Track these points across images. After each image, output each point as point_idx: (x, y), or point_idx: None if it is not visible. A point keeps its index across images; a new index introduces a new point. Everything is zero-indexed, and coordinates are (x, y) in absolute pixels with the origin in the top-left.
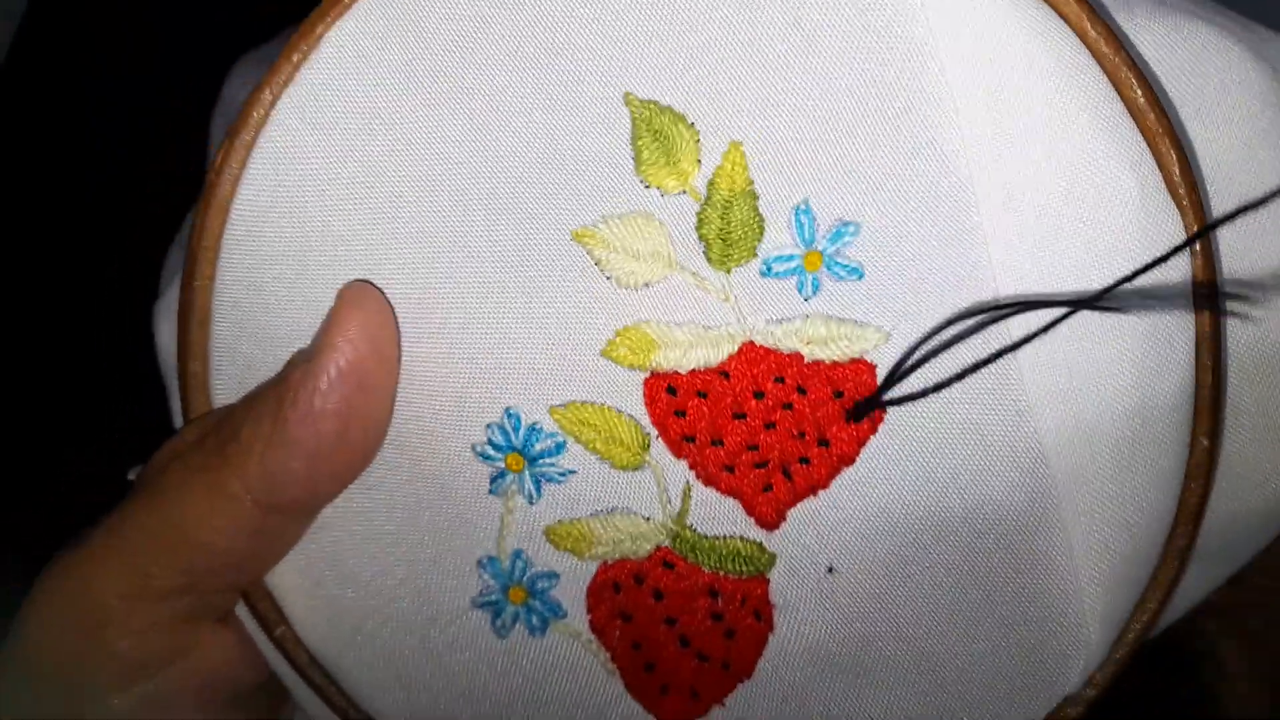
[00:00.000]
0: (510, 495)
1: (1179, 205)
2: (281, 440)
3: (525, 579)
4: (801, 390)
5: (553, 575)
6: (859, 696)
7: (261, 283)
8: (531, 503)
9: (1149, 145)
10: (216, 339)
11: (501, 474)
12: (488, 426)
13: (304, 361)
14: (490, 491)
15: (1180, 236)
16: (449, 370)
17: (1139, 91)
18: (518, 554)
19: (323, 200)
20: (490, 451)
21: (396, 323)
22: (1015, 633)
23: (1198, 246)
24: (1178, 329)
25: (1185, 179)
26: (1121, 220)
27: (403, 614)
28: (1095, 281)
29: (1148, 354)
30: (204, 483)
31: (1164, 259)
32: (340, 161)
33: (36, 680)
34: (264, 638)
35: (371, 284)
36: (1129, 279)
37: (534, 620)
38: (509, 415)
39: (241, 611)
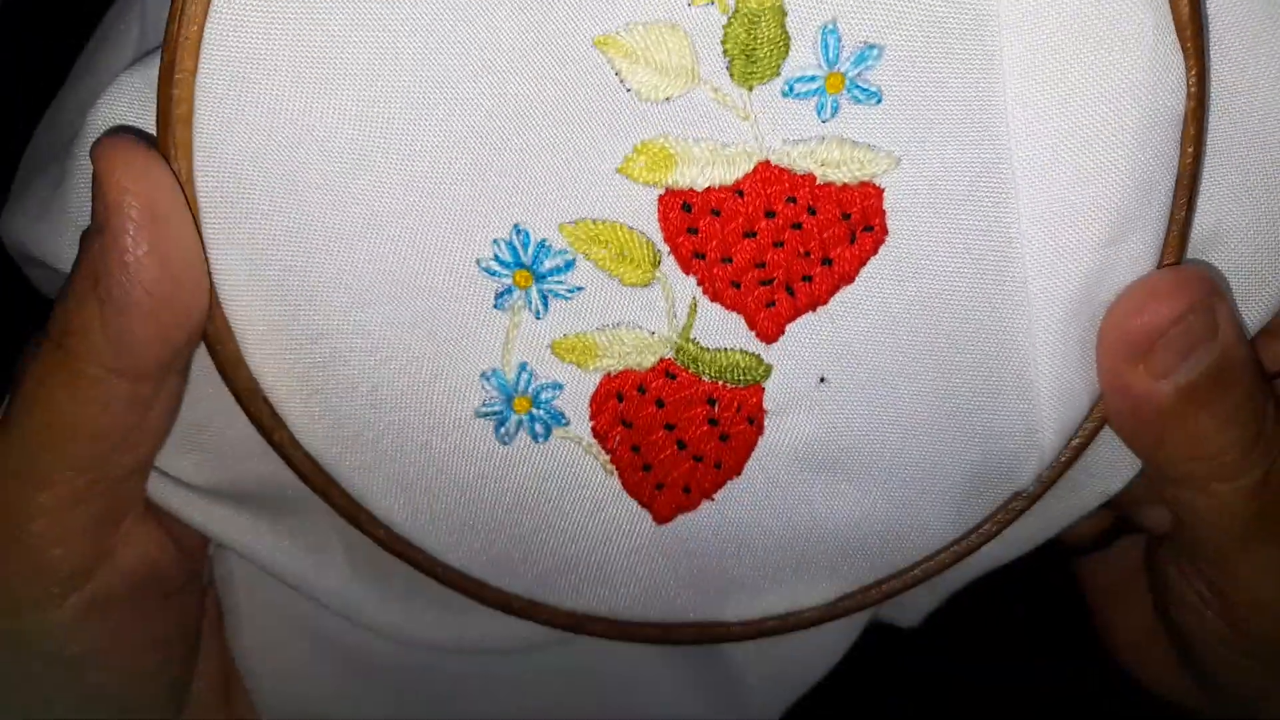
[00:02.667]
0: (516, 310)
1: (1184, 47)
2: (115, 312)
3: (530, 390)
4: (812, 210)
5: (557, 386)
6: (835, 492)
7: (251, 77)
8: (538, 318)
9: None
10: (202, 139)
11: (508, 290)
12: (494, 242)
13: (96, 234)
14: (495, 306)
15: (1182, 80)
16: (454, 181)
17: None
18: (523, 366)
19: None
20: (496, 267)
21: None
22: (978, 440)
23: (1194, 89)
24: (1164, 160)
25: (1193, 21)
26: (1133, 58)
27: (404, 423)
28: (1104, 120)
29: (1134, 182)
30: (61, 377)
31: None
32: None
33: None
34: (263, 443)
35: (126, 135)
36: None
37: (537, 428)
38: (517, 231)
39: (215, 440)
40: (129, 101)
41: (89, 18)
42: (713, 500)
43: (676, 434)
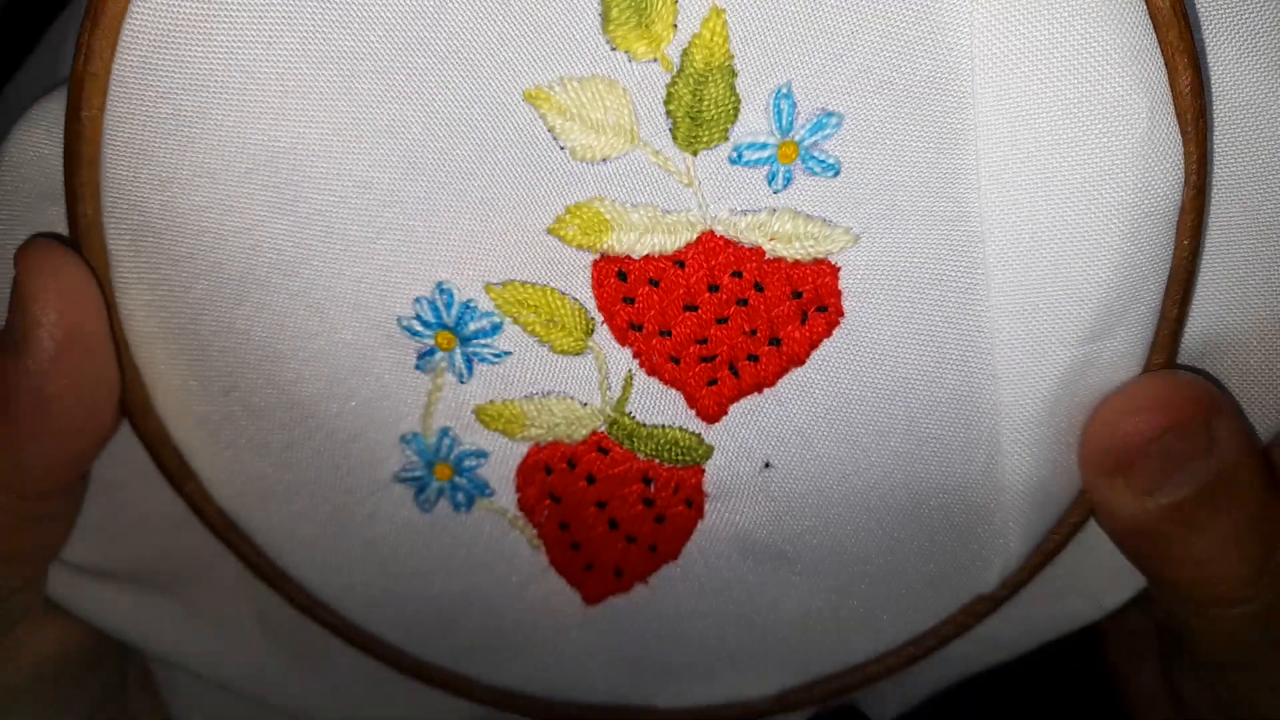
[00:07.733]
0: (439, 372)
1: (1184, 131)
2: (22, 438)
3: (452, 456)
4: (759, 287)
5: (481, 454)
6: (781, 583)
7: (159, 117)
8: (462, 381)
9: (1165, 63)
10: (109, 180)
11: (430, 351)
12: (416, 300)
13: (9, 350)
14: (417, 367)
15: (1179, 167)
16: (376, 235)
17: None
18: (445, 431)
19: (233, 27)
20: (418, 327)
21: (92, 273)
22: (937, 539)
23: (1194, 177)
24: (1156, 253)
25: (1195, 101)
26: (1124, 142)
27: (318, 484)
28: (1090, 207)
29: (1121, 275)
30: None
31: None
32: None
33: None
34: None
35: (56, 242)
36: None
37: (459, 496)
38: (441, 290)
39: (115, 512)
40: (46, 128)
41: None
42: (647, 585)
43: (608, 512)
